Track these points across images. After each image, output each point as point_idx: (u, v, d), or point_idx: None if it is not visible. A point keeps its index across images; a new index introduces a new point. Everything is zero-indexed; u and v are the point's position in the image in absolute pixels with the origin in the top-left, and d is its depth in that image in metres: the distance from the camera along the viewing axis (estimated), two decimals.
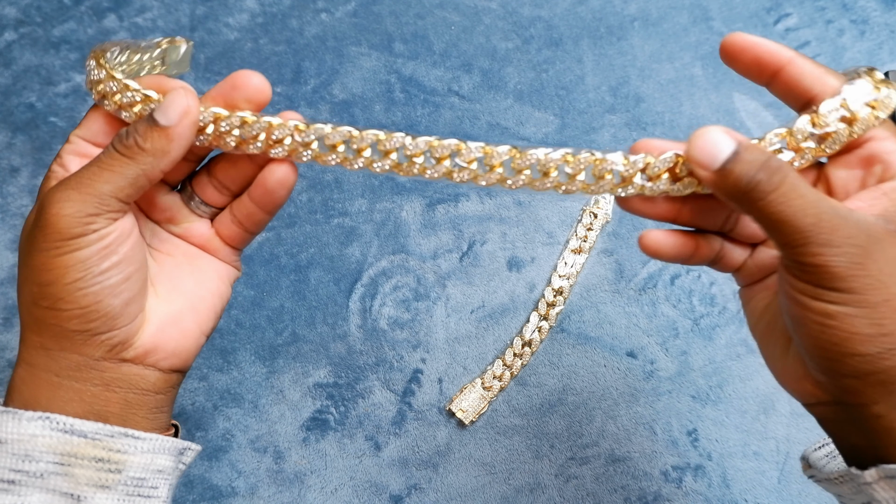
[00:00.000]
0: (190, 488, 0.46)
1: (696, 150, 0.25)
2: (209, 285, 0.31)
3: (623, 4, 0.57)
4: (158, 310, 0.29)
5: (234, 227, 0.31)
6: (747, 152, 0.24)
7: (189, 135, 0.27)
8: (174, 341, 0.29)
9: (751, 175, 0.24)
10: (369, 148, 0.29)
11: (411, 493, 0.47)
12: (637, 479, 0.47)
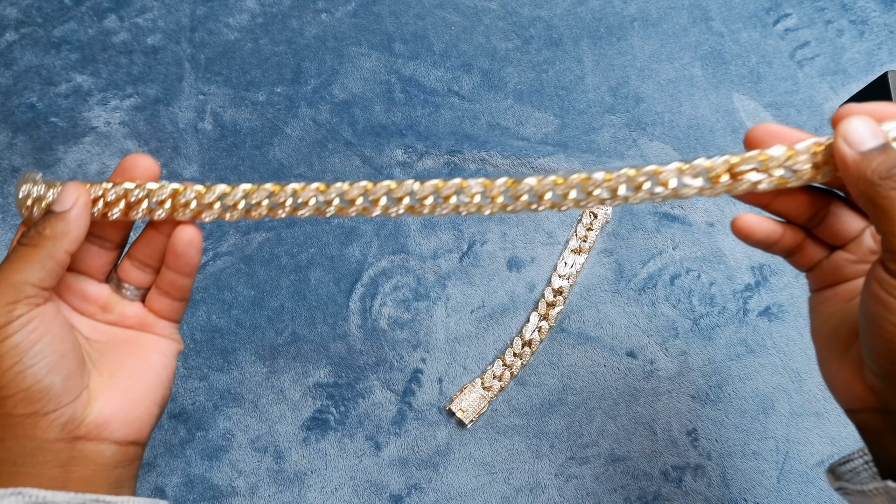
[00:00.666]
0: (190, 488, 0.47)
1: (852, 130, 0.26)
2: (152, 362, 0.33)
3: (623, 5, 0.57)
4: (105, 385, 0.31)
5: (163, 299, 0.33)
6: (892, 149, 0.25)
7: (84, 214, 0.30)
8: (125, 411, 0.31)
9: (888, 166, 0.25)
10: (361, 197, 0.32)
11: (411, 493, 0.47)
12: (637, 479, 0.47)
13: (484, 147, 0.53)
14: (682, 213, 0.52)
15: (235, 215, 0.32)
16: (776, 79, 0.55)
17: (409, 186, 0.31)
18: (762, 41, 0.56)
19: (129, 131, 0.54)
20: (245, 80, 0.55)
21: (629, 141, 0.53)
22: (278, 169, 0.53)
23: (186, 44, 0.56)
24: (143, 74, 0.55)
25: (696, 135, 0.54)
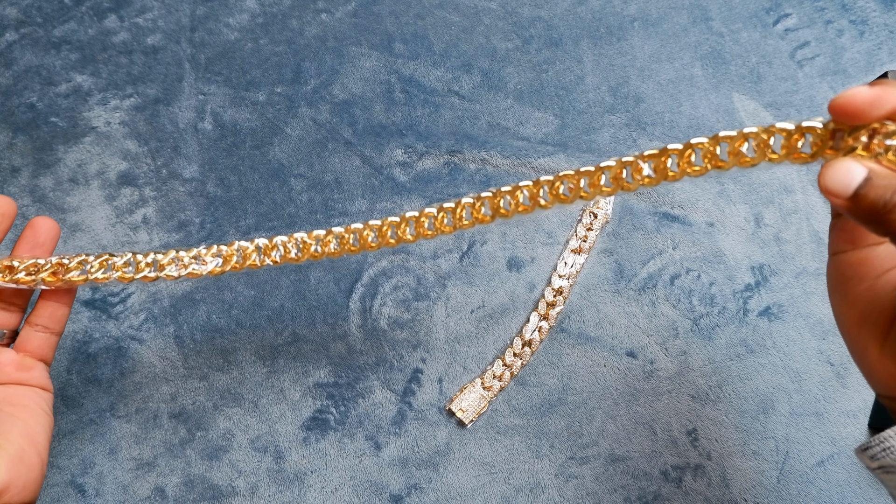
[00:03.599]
0: (190, 488, 0.47)
1: (830, 181, 0.25)
2: (38, 420, 0.33)
3: (623, 4, 0.57)
4: (5, 448, 0.31)
5: (40, 335, 0.34)
6: (879, 178, 0.25)
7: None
8: (23, 477, 0.31)
9: (886, 198, 0.24)
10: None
11: (411, 493, 0.47)
12: (637, 479, 0.47)
13: (484, 147, 0.53)
14: (682, 213, 0.52)
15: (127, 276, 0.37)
16: (776, 79, 0.55)
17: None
18: (762, 41, 0.56)
19: (129, 131, 0.54)
20: (245, 80, 0.55)
21: (629, 141, 0.53)
22: (278, 169, 0.53)
23: (186, 44, 0.56)
24: (143, 74, 0.55)
25: (696, 134, 0.54)
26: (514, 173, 0.53)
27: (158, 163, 0.53)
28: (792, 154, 0.27)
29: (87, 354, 0.49)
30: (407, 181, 0.53)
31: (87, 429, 0.47)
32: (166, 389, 0.48)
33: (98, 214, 0.52)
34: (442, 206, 0.36)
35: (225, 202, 0.52)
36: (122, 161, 0.53)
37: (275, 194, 0.52)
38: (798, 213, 0.52)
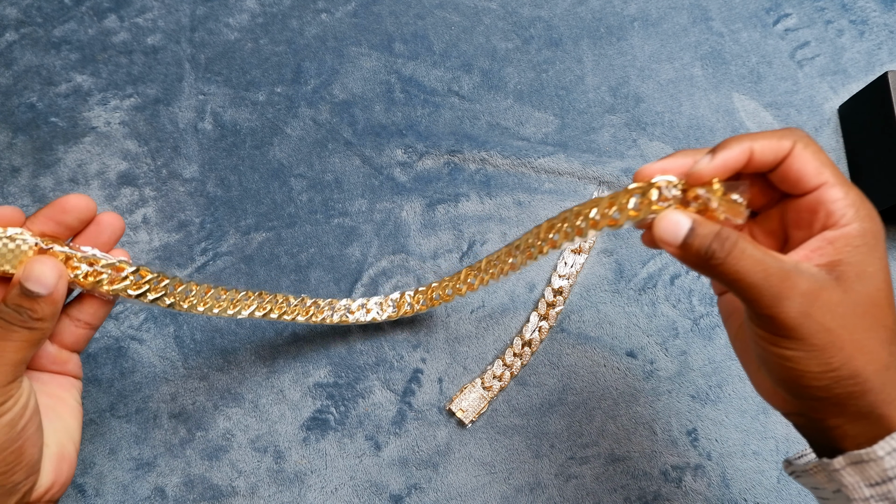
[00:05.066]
0: (190, 488, 0.47)
1: (661, 231, 0.28)
2: (73, 409, 0.34)
3: (623, 4, 0.57)
4: (50, 446, 0.32)
5: (80, 330, 0.34)
6: (701, 227, 0.28)
7: (64, 292, 0.31)
8: (64, 473, 0.32)
9: (707, 246, 0.27)
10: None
11: (411, 493, 0.47)
12: (637, 479, 0.47)
13: (484, 147, 0.53)
14: None
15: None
16: (776, 79, 0.55)
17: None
18: (762, 41, 0.56)
19: (129, 131, 0.54)
20: (245, 80, 0.55)
21: (629, 141, 0.53)
22: (278, 169, 0.53)
23: (186, 44, 0.56)
24: (143, 74, 0.55)
25: (696, 135, 0.54)
26: (514, 173, 0.53)
27: (158, 163, 0.53)
28: (626, 213, 0.30)
29: (87, 354, 0.49)
30: (407, 181, 0.53)
31: (87, 429, 0.47)
32: (166, 389, 0.48)
33: None
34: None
35: (225, 202, 0.52)
36: (122, 161, 0.53)
37: (275, 194, 0.52)
38: None
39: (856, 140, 0.52)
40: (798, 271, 0.27)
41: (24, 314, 0.29)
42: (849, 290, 0.27)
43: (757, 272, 0.27)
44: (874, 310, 0.28)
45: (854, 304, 0.27)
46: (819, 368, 0.27)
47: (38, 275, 0.29)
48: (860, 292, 0.27)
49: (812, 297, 0.27)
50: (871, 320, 0.27)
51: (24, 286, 0.29)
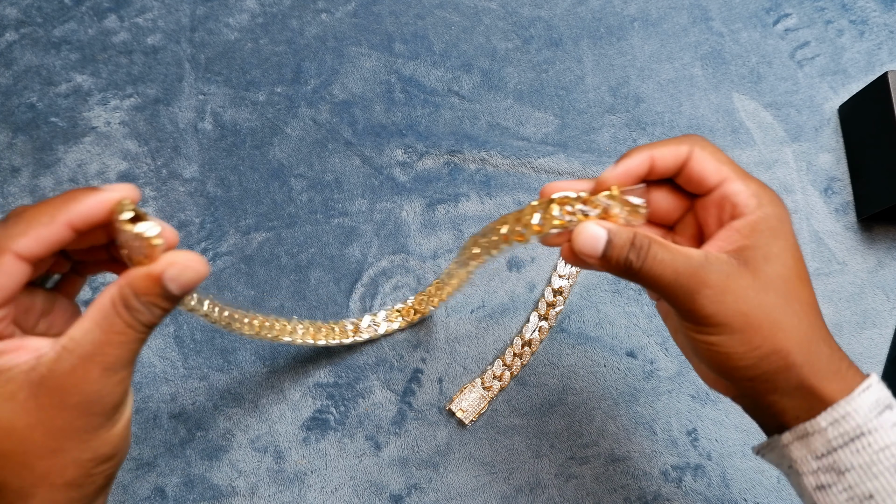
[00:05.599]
0: (190, 488, 0.47)
1: (581, 244, 0.30)
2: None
3: (623, 4, 0.57)
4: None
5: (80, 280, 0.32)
6: (617, 237, 0.29)
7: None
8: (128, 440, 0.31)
9: (624, 255, 0.29)
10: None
11: (411, 493, 0.47)
12: (637, 479, 0.47)
13: (484, 147, 0.53)
14: None
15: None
16: (776, 79, 0.55)
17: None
18: (762, 41, 0.56)
19: (129, 131, 0.54)
20: (245, 80, 0.55)
21: (629, 141, 0.53)
22: (278, 169, 0.53)
23: (186, 44, 0.56)
24: (143, 74, 0.55)
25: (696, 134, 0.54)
26: (514, 173, 0.53)
27: (158, 163, 0.53)
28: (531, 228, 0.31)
29: None
30: (407, 181, 0.53)
31: None
32: (166, 389, 0.48)
33: None
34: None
35: (225, 202, 0.52)
36: (122, 161, 0.53)
37: (275, 194, 0.52)
38: (798, 214, 0.52)
39: (856, 140, 0.52)
40: (706, 265, 0.29)
41: (154, 313, 0.26)
42: (758, 273, 0.29)
43: (669, 273, 0.29)
44: (786, 287, 0.29)
45: (765, 285, 0.29)
46: (742, 349, 0.29)
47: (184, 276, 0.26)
48: (769, 273, 0.29)
49: (722, 286, 0.29)
50: (784, 298, 0.29)
51: (166, 286, 0.26)
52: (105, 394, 0.25)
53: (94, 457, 0.26)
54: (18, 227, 0.25)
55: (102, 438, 0.26)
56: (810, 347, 0.29)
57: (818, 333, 0.30)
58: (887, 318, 0.50)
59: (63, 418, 0.25)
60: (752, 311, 0.29)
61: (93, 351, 0.25)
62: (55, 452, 0.25)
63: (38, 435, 0.24)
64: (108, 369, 0.25)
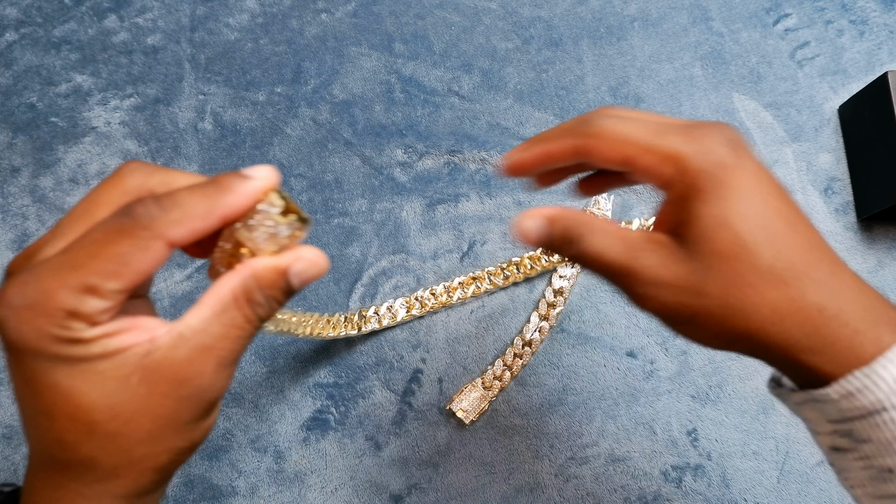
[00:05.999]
0: (190, 488, 0.47)
1: (524, 234, 0.28)
2: None
3: (623, 4, 0.57)
4: None
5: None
6: (555, 224, 0.27)
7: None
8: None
9: (560, 246, 0.27)
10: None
11: (411, 493, 0.47)
12: (637, 479, 0.47)
13: (484, 147, 0.53)
14: None
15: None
16: (776, 79, 0.55)
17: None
18: (762, 41, 0.56)
19: (129, 131, 0.54)
20: (245, 80, 0.55)
21: None
22: (278, 169, 0.53)
23: (186, 44, 0.56)
24: (143, 74, 0.55)
25: None
26: None
27: (159, 163, 0.53)
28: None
29: None
30: (407, 181, 0.53)
31: None
32: None
33: None
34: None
35: None
36: (122, 161, 0.53)
37: None
38: None
39: (856, 140, 0.52)
40: (640, 254, 0.26)
41: (272, 307, 0.25)
42: (695, 251, 0.25)
43: (602, 265, 0.26)
44: (735, 255, 0.25)
45: (708, 263, 0.25)
46: (707, 338, 0.26)
47: (307, 271, 0.25)
48: (707, 247, 0.25)
49: (655, 278, 0.25)
50: (733, 270, 0.25)
51: (290, 280, 0.25)
52: (215, 388, 0.25)
53: (188, 446, 0.25)
54: (175, 214, 0.23)
55: (200, 428, 0.25)
56: (784, 323, 0.25)
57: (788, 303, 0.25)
58: None
59: (171, 408, 0.24)
60: (697, 302, 0.25)
61: (210, 344, 0.24)
62: (155, 440, 0.24)
63: (144, 421, 0.24)
64: (222, 364, 0.24)
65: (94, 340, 0.23)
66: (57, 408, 0.23)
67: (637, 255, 0.26)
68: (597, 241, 0.26)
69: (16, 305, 0.22)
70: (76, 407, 0.23)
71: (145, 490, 0.25)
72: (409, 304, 0.49)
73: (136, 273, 0.23)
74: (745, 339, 0.26)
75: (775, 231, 0.25)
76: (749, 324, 0.25)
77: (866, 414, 0.24)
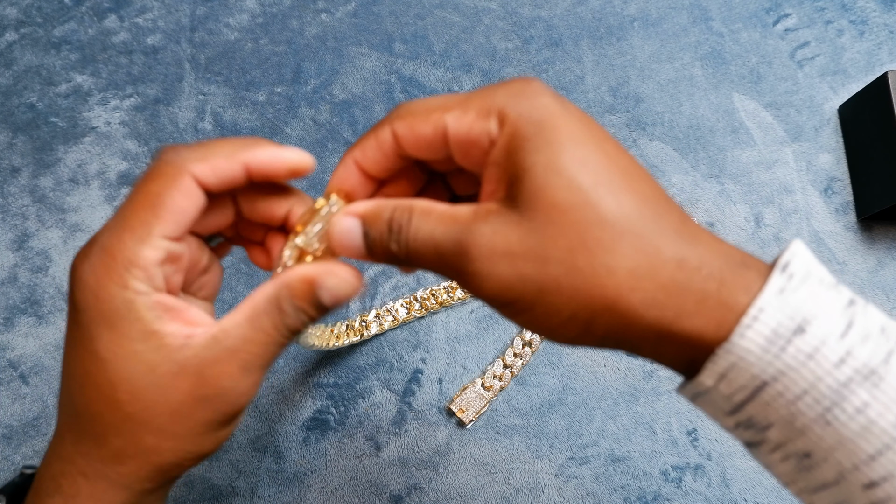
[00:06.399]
0: (190, 488, 0.47)
1: (339, 243, 0.25)
2: None
3: (623, 4, 0.57)
4: None
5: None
6: (373, 225, 0.25)
7: None
8: None
9: (385, 244, 0.25)
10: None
11: (411, 493, 0.47)
12: (637, 479, 0.47)
13: None
14: None
15: None
16: (776, 79, 0.55)
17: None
18: (762, 41, 0.56)
19: (129, 131, 0.54)
20: (245, 80, 0.55)
21: (629, 141, 0.53)
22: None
23: (186, 44, 0.56)
24: (143, 74, 0.55)
25: (696, 135, 0.54)
26: None
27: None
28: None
29: None
30: None
31: None
32: None
33: (98, 214, 0.52)
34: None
35: None
36: (122, 161, 0.53)
37: None
38: (798, 213, 0.52)
39: (856, 140, 0.52)
40: (472, 227, 0.22)
41: (301, 319, 0.25)
42: (530, 208, 0.21)
43: (431, 254, 0.23)
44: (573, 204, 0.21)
45: (546, 218, 0.21)
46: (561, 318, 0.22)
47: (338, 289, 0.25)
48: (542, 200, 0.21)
49: (490, 249, 0.21)
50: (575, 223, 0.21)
51: (319, 295, 0.25)
52: (236, 394, 0.25)
53: (194, 451, 0.25)
54: (199, 153, 0.24)
55: (211, 438, 0.25)
56: (664, 274, 0.21)
57: (670, 246, 0.21)
58: None
59: (189, 405, 0.24)
60: (541, 271, 0.21)
61: (238, 346, 0.24)
62: (165, 434, 0.24)
63: (161, 412, 0.24)
64: (246, 368, 0.24)
65: (143, 309, 0.23)
66: (90, 376, 0.24)
67: (468, 229, 0.22)
68: (423, 226, 0.23)
69: (87, 266, 0.23)
70: (106, 379, 0.23)
71: (141, 488, 0.25)
72: (409, 304, 0.49)
73: (175, 212, 0.24)
74: (605, 314, 0.21)
75: (615, 178, 0.21)
76: (605, 290, 0.21)
77: (751, 395, 0.21)
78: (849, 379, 0.20)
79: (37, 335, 0.49)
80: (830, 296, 0.21)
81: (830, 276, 0.22)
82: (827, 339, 0.20)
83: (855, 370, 0.20)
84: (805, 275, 0.21)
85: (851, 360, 0.20)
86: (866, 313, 0.21)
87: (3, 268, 0.51)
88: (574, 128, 0.23)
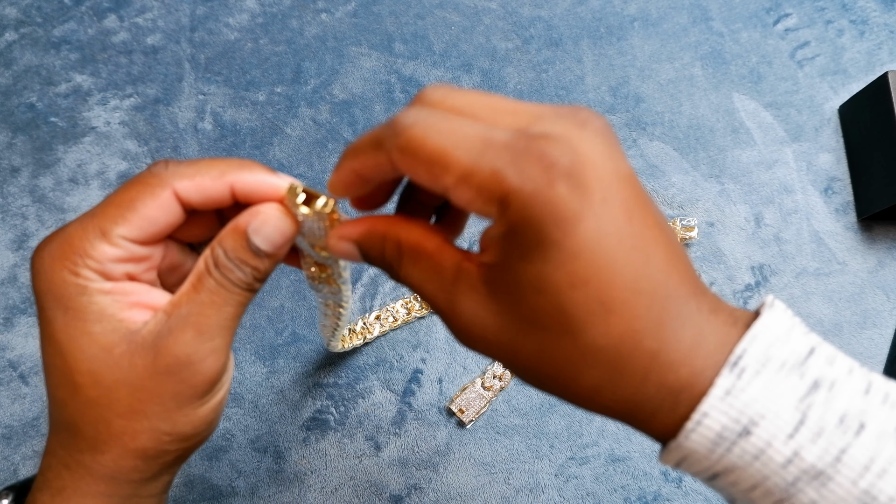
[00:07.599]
0: (190, 488, 0.47)
1: (265, 241, 0.24)
2: None
3: (623, 4, 0.57)
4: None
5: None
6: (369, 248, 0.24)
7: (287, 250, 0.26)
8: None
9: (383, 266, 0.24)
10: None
11: (411, 493, 0.47)
12: (637, 479, 0.47)
13: None
14: (681, 212, 0.52)
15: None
16: (776, 79, 0.55)
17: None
18: (762, 41, 0.56)
19: (129, 131, 0.54)
20: (245, 80, 0.55)
21: (629, 141, 0.53)
22: (278, 169, 0.53)
23: (186, 44, 0.56)
24: (143, 74, 0.55)
25: (696, 135, 0.54)
26: None
27: None
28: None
29: None
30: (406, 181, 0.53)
31: None
32: None
33: None
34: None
35: None
36: (122, 161, 0.53)
37: None
38: (798, 213, 0.52)
39: (856, 140, 0.52)
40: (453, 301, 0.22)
41: (245, 272, 0.25)
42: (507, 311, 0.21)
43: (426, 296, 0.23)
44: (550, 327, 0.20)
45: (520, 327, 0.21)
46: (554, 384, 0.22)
47: (266, 228, 0.24)
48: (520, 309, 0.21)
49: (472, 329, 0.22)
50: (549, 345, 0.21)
51: (252, 241, 0.24)
52: (196, 360, 0.24)
53: (171, 431, 0.25)
54: (186, 170, 0.24)
55: (186, 415, 0.25)
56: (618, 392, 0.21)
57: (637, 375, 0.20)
58: (887, 318, 0.50)
59: (150, 380, 0.24)
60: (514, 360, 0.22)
61: (188, 312, 0.24)
62: (135, 414, 0.24)
63: (122, 392, 0.24)
64: (201, 332, 0.24)
65: (97, 294, 0.24)
66: (53, 362, 0.24)
67: (452, 297, 0.22)
68: (413, 273, 0.23)
69: (45, 252, 0.24)
70: (65, 364, 0.24)
71: (128, 478, 0.25)
72: (409, 304, 0.49)
73: (144, 219, 0.24)
74: (573, 402, 0.22)
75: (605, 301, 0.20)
76: (569, 393, 0.21)
77: (710, 478, 0.21)
78: (796, 479, 0.20)
79: (36, 335, 0.49)
80: (787, 385, 0.20)
81: (802, 343, 0.21)
82: (773, 440, 0.20)
83: (802, 471, 0.20)
84: (761, 365, 0.20)
85: (798, 461, 0.20)
86: (830, 398, 0.20)
87: (3, 268, 0.51)
88: (584, 240, 0.19)
